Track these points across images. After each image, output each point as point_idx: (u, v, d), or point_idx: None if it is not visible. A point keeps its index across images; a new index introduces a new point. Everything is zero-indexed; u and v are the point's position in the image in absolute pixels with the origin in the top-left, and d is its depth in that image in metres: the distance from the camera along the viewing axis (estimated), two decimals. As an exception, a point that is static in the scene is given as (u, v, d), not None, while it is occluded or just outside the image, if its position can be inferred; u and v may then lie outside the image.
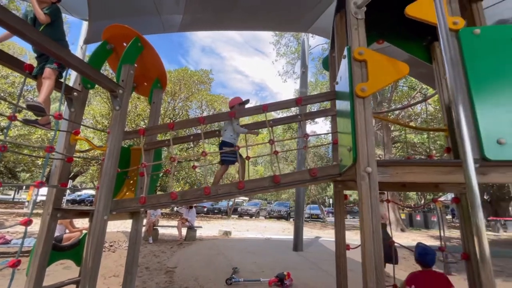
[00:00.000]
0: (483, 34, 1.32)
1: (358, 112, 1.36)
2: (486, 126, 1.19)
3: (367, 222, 1.22)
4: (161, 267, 4.55)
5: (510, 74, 1.24)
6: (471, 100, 1.24)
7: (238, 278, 3.78)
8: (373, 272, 1.16)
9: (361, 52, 1.42)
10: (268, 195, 44.92)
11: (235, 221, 15.82)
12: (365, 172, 1.27)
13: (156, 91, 2.90)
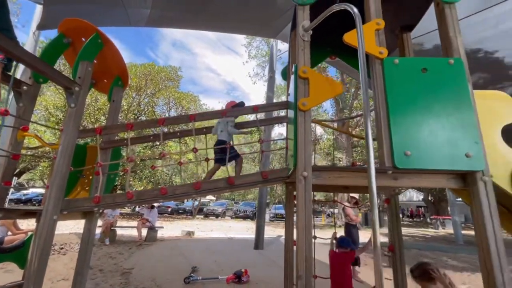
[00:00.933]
0: (400, 64, 1.60)
1: (299, 123, 1.56)
2: (397, 140, 1.46)
3: (301, 218, 1.41)
4: (117, 269, 4.41)
5: (417, 99, 1.53)
6: (388, 118, 1.51)
7: (197, 277, 3.85)
8: (303, 262, 1.35)
9: (304, 70, 1.63)
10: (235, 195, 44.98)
11: (200, 221, 15.65)
12: (301, 176, 1.47)
13: (116, 89, 2.86)
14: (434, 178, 1.53)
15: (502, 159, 1.53)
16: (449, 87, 1.55)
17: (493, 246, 1.33)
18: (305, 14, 1.76)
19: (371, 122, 1.40)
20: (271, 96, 8.00)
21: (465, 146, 1.43)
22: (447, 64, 1.59)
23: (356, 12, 1.35)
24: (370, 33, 1.68)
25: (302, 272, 1.34)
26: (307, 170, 1.47)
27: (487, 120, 1.57)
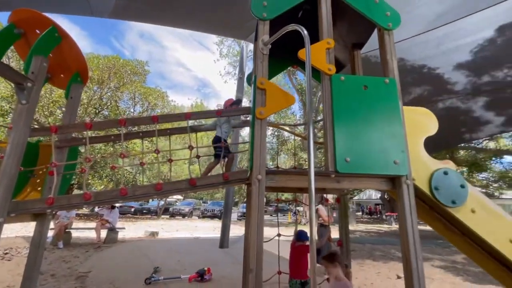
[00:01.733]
0: (346, 80, 1.82)
1: (256, 130, 1.70)
2: (339, 148, 1.67)
3: (254, 217, 1.55)
4: (71, 273, 4.18)
5: (358, 112, 1.76)
6: (333, 128, 1.71)
7: (158, 277, 3.82)
8: (254, 256, 1.49)
9: (262, 82, 1.77)
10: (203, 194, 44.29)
11: (165, 221, 15.21)
12: (256, 179, 1.61)
13: (75, 86, 2.75)
14: (370, 181, 1.77)
15: (423, 165, 1.83)
16: (384, 103, 1.81)
17: (411, 237, 1.60)
18: (265, 29, 1.90)
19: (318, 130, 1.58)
20: (240, 97, 8.11)
21: (394, 154, 1.69)
22: (383, 83, 1.85)
23: (306, 34, 1.52)
24: (321, 51, 1.88)
25: (253, 266, 1.48)
26: (262, 173, 1.61)
27: (413, 132, 1.86)
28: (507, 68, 5.04)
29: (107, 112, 14.00)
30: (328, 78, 1.83)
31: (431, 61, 5.32)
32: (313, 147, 1.34)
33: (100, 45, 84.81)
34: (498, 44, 4.57)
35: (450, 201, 1.76)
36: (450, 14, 4.21)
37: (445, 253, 7.83)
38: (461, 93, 6.10)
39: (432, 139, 2.05)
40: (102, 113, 13.69)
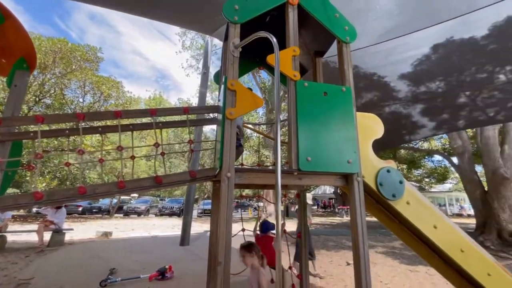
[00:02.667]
0: (309, 87, 2.00)
1: (226, 130, 1.77)
2: (302, 148, 1.83)
3: (223, 212, 1.63)
4: (9, 281, 3.74)
5: (319, 116, 1.95)
6: (297, 130, 1.87)
7: (115, 278, 3.65)
8: (223, 249, 1.57)
9: (233, 83, 1.84)
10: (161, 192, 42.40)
11: (119, 220, 14.26)
12: (225, 177, 1.68)
13: (19, 73, 2.46)
14: (327, 178, 1.98)
15: (371, 164, 2.11)
16: (341, 108, 2.03)
17: (359, 227, 1.84)
18: (236, 32, 1.97)
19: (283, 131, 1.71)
20: (204, 92, 7.99)
21: (348, 154, 1.92)
22: (340, 91, 2.07)
23: (275, 41, 1.64)
24: (288, 58, 2.02)
25: (222, 259, 1.56)
26: (231, 171, 1.70)
27: (364, 135, 2.12)
28: (439, 81, 5.89)
29: (50, 101, 12.50)
30: (294, 83, 1.98)
31: (380, 70, 5.94)
32: (279, 148, 1.47)
33: (40, 23, 73.77)
34: (432, 60, 5.31)
35: (391, 195, 2.06)
36: (397, 30, 4.75)
37: (387, 240, 8.86)
38: (403, 100, 6.94)
39: (380, 139, 2.36)
40: (44, 102, 12.19)
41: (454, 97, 6.34)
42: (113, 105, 14.26)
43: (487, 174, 8.63)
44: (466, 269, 2.11)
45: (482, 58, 4.96)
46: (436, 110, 7.10)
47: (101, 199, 18.44)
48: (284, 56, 2.01)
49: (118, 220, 14.48)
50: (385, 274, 4.81)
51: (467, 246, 2.14)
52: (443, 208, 28.20)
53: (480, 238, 7.87)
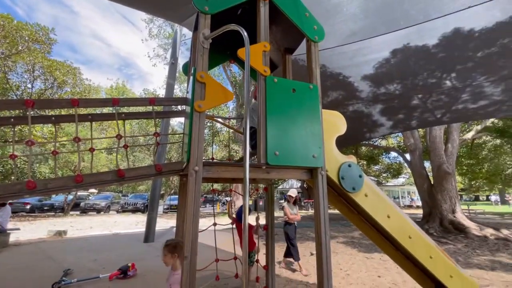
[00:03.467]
0: (278, 83, 2.03)
1: (194, 123, 1.73)
2: (270, 143, 1.87)
3: (191, 207, 1.60)
4: None
5: (287, 112, 2.00)
6: (266, 124, 1.90)
7: (70, 280, 3.39)
8: (189, 244, 1.56)
9: (202, 76, 1.80)
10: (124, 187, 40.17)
11: (75, 218, 13.21)
12: (193, 170, 1.66)
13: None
14: (293, 172, 2.06)
15: (334, 159, 2.23)
16: (308, 105, 2.11)
17: (322, 217, 1.95)
18: (206, 23, 1.92)
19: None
20: (171, 83, 7.68)
21: (313, 149, 2.01)
22: (308, 88, 2.15)
23: (246, 35, 1.63)
24: (258, 53, 2.03)
25: (188, 254, 1.55)
26: (199, 165, 1.67)
27: (328, 131, 2.23)
28: (396, 83, 6.40)
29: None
30: (263, 78, 2.00)
31: (345, 70, 6.25)
32: (248, 142, 1.48)
33: (-23, -5, 64.14)
34: (391, 63, 5.74)
35: (351, 188, 2.21)
36: (361, 33, 5.03)
37: (347, 231, 9.47)
38: (365, 99, 7.41)
39: (344, 135, 2.50)
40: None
41: (409, 99, 6.93)
42: (68, 93, 13.02)
43: (433, 169, 9.65)
44: (413, 253, 2.36)
45: (433, 65, 5.48)
46: (393, 110, 7.71)
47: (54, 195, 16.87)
48: (254, 51, 2.01)
49: (75, 218, 13.40)
50: (345, 262, 5.15)
51: (414, 233, 2.39)
52: (396, 200, 30.94)
53: (425, 226, 8.81)
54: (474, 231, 8.01)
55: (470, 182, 20.42)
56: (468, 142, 14.65)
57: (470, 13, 3.87)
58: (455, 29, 4.39)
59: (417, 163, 10.26)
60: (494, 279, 4.12)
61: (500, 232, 7.79)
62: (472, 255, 5.71)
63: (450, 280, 2.43)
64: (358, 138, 10.64)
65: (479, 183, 19.90)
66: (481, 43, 4.42)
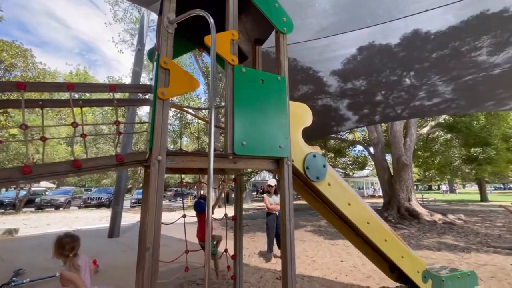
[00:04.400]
0: (246, 72, 2.03)
1: (157, 111, 1.66)
2: (237, 133, 1.87)
3: (153, 197, 1.56)
4: None
5: (255, 102, 2.01)
6: (233, 114, 1.89)
7: (21, 280, 3.13)
8: (152, 235, 1.51)
9: (166, 61, 1.73)
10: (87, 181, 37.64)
11: (29, 215, 12.12)
12: (156, 160, 1.60)
13: None
14: (260, 162, 2.08)
15: (300, 149, 2.30)
16: (275, 96, 2.13)
17: (287, 205, 2.01)
18: (171, 6, 1.84)
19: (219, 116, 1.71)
20: (138, 71, 7.26)
21: (280, 140, 2.05)
22: (276, 80, 2.17)
23: (212, 22, 1.59)
24: (226, 41, 2.00)
25: (150, 245, 1.51)
26: (162, 154, 1.62)
27: (294, 122, 2.28)
28: (362, 79, 6.73)
29: None
30: (231, 68, 1.98)
31: (315, 65, 6.41)
32: (216, 131, 1.47)
33: None
34: (358, 60, 6.01)
35: (316, 177, 2.30)
36: (330, 29, 5.18)
37: (314, 220, 9.91)
38: (333, 94, 7.70)
39: (314, 129, 2.59)
40: None
41: (373, 95, 7.35)
42: (19, 77, 11.71)
43: (393, 161, 10.44)
44: (370, 237, 2.55)
45: (395, 63, 5.84)
46: (359, 105, 8.13)
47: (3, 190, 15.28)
48: (222, 39, 1.97)
49: (28, 215, 12.29)
50: (311, 249, 5.41)
51: (372, 219, 2.58)
52: (361, 190, 33.02)
53: (385, 214, 9.55)
54: (426, 217, 8.87)
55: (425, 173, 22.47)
56: (424, 137, 16.02)
57: (428, 16, 4.16)
58: (414, 30, 4.70)
59: (379, 155, 11.00)
60: (439, 258, 4.63)
61: (447, 217, 8.72)
62: (423, 238, 6.33)
63: (401, 260, 2.68)
64: (327, 131, 11.10)
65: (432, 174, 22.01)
66: (436, 45, 4.79)
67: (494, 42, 4.59)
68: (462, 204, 17.17)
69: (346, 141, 16.29)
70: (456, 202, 19.35)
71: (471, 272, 3.22)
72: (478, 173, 17.43)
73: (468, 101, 7.16)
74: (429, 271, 2.85)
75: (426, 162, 17.91)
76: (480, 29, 4.25)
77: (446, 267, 3.54)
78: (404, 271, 2.70)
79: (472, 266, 4.08)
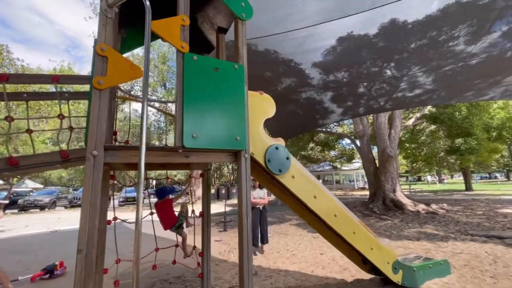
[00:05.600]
0: (198, 60, 1.90)
1: (93, 101, 1.54)
2: (187, 124, 1.76)
3: (87, 196, 1.44)
4: None
5: (208, 92, 1.89)
6: (182, 105, 1.78)
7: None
8: (85, 236, 1.40)
9: (103, 48, 1.59)
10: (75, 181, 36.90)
11: (9, 217, 11.75)
12: (91, 155, 1.48)
13: None
14: (216, 155, 1.98)
15: (261, 142, 2.21)
16: (232, 86, 2.02)
17: (244, 200, 1.92)
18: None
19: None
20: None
21: (236, 132, 1.95)
22: (233, 68, 2.05)
23: (148, 4, 1.46)
24: (175, 27, 1.87)
25: (83, 246, 1.39)
26: (98, 149, 1.50)
27: (255, 113, 2.19)
28: (343, 71, 6.68)
29: None
30: (181, 56, 1.85)
31: (296, 57, 6.30)
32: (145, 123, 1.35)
33: None
34: (338, 51, 5.94)
35: (278, 170, 2.22)
36: (309, 20, 5.08)
37: (302, 213, 9.90)
38: (316, 87, 7.63)
39: (298, 122, 2.49)
40: None
41: (355, 87, 7.30)
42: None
43: (378, 153, 10.51)
44: (337, 230, 2.50)
45: (374, 54, 5.77)
46: (342, 97, 8.09)
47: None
48: (171, 25, 1.84)
49: (9, 216, 11.92)
50: (293, 243, 5.38)
51: (340, 211, 2.52)
52: (352, 183, 33.43)
53: (370, 205, 9.64)
54: (409, 207, 8.99)
55: (412, 164, 22.84)
56: (411, 128, 16.21)
57: (405, 5, 4.08)
58: (392, 20, 4.62)
59: (365, 148, 11.05)
60: (417, 247, 4.66)
61: (430, 207, 8.86)
62: (404, 228, 6.39)
63: (370, 252, 2.64)
64: (312, 124, 11.04)
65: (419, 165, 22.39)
66: (413, 35, 4.74)
67: (471, 31, 4.57)
68: (447, 194, 17.57)
69: (333, 134, 16.35)
70: (442, 192, 19.79)
71: (443, 261, 3.22)
72: (462, 163, 17.81)
73: (448, 92, 7.20)
74: (400, 262, 2.83)
75: (413, 153, 18.18)
76: (456, 18, 4.22)
77: (420, 256, 3.55)
78: (374, 262, 2.67)
79: (448, 254, 4.12)
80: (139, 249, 1.21)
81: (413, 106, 9.49)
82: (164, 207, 3.03)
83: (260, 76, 6.39)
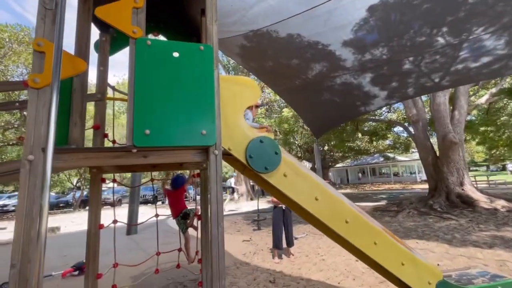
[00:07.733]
0: (153, 45, 1.65)
1: (30, 103, 1.41)
2: (138, 120, 1.52)
3: (22, 205, 1.31)
4: None
5: (165, 81, 1.62)
6: (133, 98, 1.55)
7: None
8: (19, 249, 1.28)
9: (40, 43, 1.46)
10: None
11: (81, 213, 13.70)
12: (26, 160, 1.35)
13: None
14: (181, 153, 1.70)
15: (241, 135, 1.85)
16: (196, 71, 1.71)
17: (214, 204, 1.60)
18: (47, -23, 1.55)
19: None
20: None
21: (202, 125, 1.64)
22: (198, 50, 1.74)
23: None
24: (125, 10, 1.65)
25: (16, 261, 1.27)
26: (35, 153, 1.37)
27: (231, 102, 1.84)
28: (381, 47, 5.71)
29: None
30: (133, 42, 1.62)
31: (322, 37, 5.61)
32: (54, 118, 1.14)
33: None
34: (371, 24, 5.07)
35: (263, 168, 1.83)
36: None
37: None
38: (351, 69, 6.75)
39: (335, 113, 2.08)
40: None
41: (399, 64, 6.20)
42: None
43: (438, 140, 8.89)
44: (351, 240, 1.98)
45: (419, 20, 4.75)
46: (385, 78, 6.99)
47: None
48: (119, 9, 1.63)
49: (82, 213, 13.90)
50: (326, 246, 4.82)
51: (353, 216, 2.00)
52: (413, 175, 29.77)
53: (430, 201, 8.23)
54: (483, 204, 7.37)
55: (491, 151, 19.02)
56: (485, 107, 13.44)
57: None
58: (437, -31, 3.69)
59: (420, 134, 9.49)
60: (488, 257, 3.66)
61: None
62: (473, 231, 5.19)
63: (401, 268, 2.05)
64: (353, 112, 9.95)
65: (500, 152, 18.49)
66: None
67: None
68: (541, 186, 14.11)
69: (378, 121, 14.57)
70: (534, 183, 16.03)
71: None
72: None
73: (532, 55, 5.57)
74: (448, 282, 2.14)
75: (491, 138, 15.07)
76: None
77: (488, 273, 2.70)
78: (406, 282, 2.06)
79: (533, 269, 3.09)
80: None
81: (481, 79, 7.71)
82: (175, 195, 3.47)
83: (288, 65, 5.90)
